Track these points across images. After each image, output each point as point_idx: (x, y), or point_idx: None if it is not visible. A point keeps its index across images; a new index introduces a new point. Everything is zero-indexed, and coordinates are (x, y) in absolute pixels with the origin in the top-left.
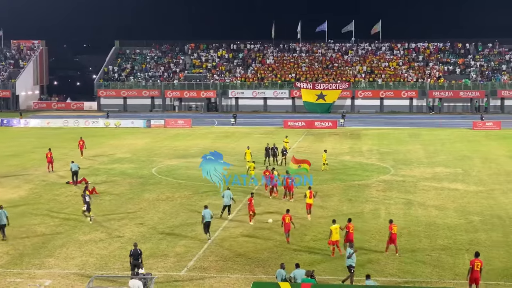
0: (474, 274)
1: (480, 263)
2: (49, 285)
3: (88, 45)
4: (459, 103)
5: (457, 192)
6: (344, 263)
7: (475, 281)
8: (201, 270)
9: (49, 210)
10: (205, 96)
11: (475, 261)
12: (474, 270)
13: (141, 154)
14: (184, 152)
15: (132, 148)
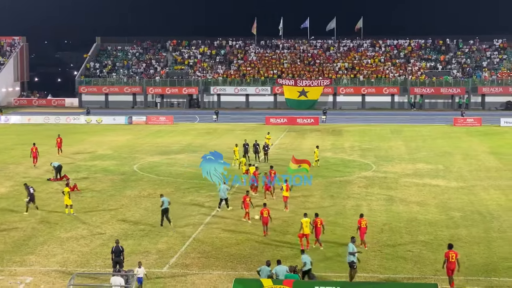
0: (450, 265)
1: (454, 254)
2: (30, 283)
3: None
4: (440, 99)
5: (438, 188)
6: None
7: (452, 272)
8: (183, 266)
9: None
10: (187, 93)
11: (449, 253)
12: (450, 261)
13: (123, 150)
14: (166, 148)
15: (113, 144)
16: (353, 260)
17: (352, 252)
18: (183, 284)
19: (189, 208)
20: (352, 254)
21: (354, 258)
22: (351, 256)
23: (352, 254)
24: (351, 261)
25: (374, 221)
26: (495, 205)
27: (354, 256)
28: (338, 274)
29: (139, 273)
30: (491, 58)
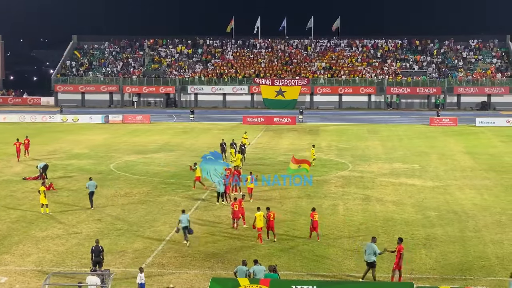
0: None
1: (401, 249)
2: (5, 282)
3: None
4: (417, 99)
5: (414, 188)
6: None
7: (399, 267)
8: (159, 266)
9: (5, 206)
10: (164, 92)
11: (401, 248)
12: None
13: (100, 149)
14: (143, 148)
15: (90, 143)
16: (374, 260)
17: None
18: (159, 284)
19: (166, 207)
20: (374, 254)
21: (375, 257)
22: (372, 256)
23: (374, 254)
24: (373, 260)
25: (351, 220)
26: (470, 204)
27: (375, 256)
28: (314, 273)
29: (141, 279)
30: (466, 58)
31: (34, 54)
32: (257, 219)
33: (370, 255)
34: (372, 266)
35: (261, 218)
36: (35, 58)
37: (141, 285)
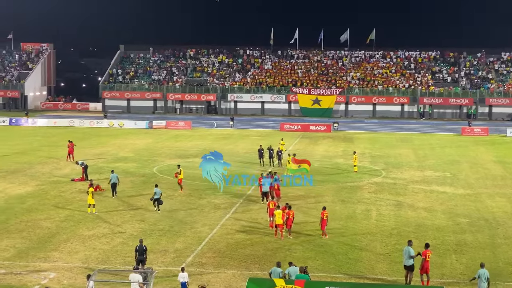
0: (426, 263)
1: (430, 253)
2: (53, 278)
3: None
4: (449, 109)
5: (446, 195)
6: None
7: (426, 271)
8: (199, 265)
9: (55, 205)
10: (205, 99)
11: (427, 252)
12: (426, 260)
13: (143, 153)
14: (184, 152)
15: (134, 147)
16: (412, 263)
17: (412, 256)
18: (198, 283)
19: (205, 210)
20: (412, 257)
21: (413, 261)
22: (410, 260)
23: (412, 257)
24: (412, 264)
25: (384, 225)
26: (501, 212)
27: (413, 260)
28: (348, 275)
29: (184, 278)
30: (498, 70)
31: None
32: (276, 216)
33: (407, 259)
34: (410, 269)
35: (280, 216)
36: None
37: (183, 283)
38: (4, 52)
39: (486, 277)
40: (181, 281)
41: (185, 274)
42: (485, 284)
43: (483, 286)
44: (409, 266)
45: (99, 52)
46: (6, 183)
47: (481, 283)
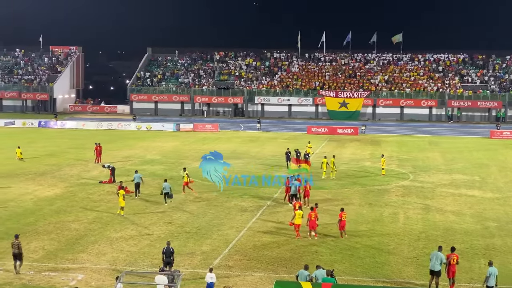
0: (451, 267)
1: (456, 257)
2: (81, 280)
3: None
4: (477, 112)
5: (474, 199)
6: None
7: (452, 274)
8: (226, 268)
9: (83, 207)
10: (233, 102)
11: (451, 256)
12: (451, 264)
13: (171, 156)
14: None
15: (162, 150)
16: (439, 269)
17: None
18: (226, 285)
19: (232, 212)
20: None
21: (440, 266)
22: (438, 265)
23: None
24: (439, 269)
25: (411, 229)
26: None
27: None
28: (375, 279)
29: (212, 278)
30: None
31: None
32: (296, 216)
33: (436, 263)
34: (437, 275)
35: (300, 216)
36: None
37: (210, 284)
38: (33, 55)
39: (495, 275)
40: (208, 282)
41: (212, 275)
42: (493, 281)
43: (491, 283)
44: (437, 271)
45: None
46: (35, 185)
47: (490, 280)
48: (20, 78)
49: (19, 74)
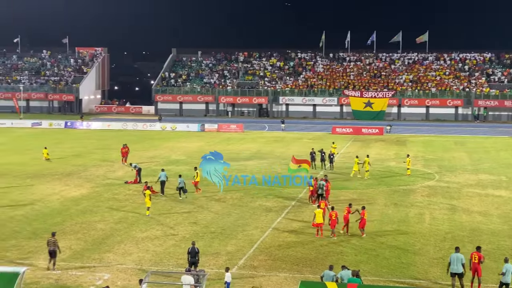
0: (472, 265)
1: (477, 256)
2: (108, 279)
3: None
4: (504, 112)
5: (501, 199)
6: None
7: (476, 272)
8: (251, 268)
9: (109, 207)
10: (257, 102)
11: (472, 254)
12: (473, 262)
13: (195, 156)
14: (236, 155)
15: (186, 150)
16: (463, 271)
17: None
18: (251, 285)
19: (257, 212)
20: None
21: (510, 279)
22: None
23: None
24: (508, 282)
25: (437, 229)
26: None
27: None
28: (401, 279)
29: (229, 278)
30: None
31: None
32: (316, 216)
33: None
34: (460, 276)
35: (320, 215)
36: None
37: (228, 283)
38: (60, 56)
39: (511, 271)
40: (227, 281)
41: (229, 274)
42: (509, 278)
43: (507, 280)
44: (460, 273)
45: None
46: (61, 185)
47: (506, 277)
48: (47, 79)
49: (46, 76)
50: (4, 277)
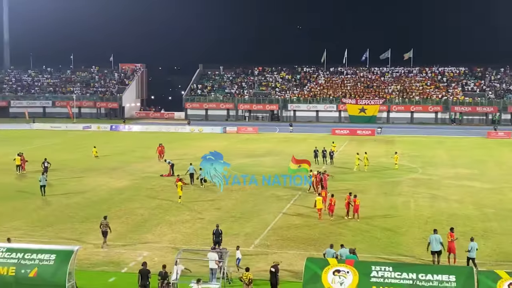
0: (448, 244)
1: (450, 235)
2: (147, 256)
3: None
4: (476, 116)
5: (474, 189)
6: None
7: (453, 251)
8: (265, 246)
9: (147, 196)
10: (269, 109)
11: (447, 235)
12: (448, 241)
13: None
14: (252, 152)
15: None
16: (474, 257)
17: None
18: (265, 261)
19: (270, 200)
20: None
21: (474, 254)
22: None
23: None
24: (473, 257)
25: (421, 214)
26: None
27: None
28: (390, 256)
29: (239, 255)
30: None
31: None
32: (317, 202)
33: (437, 245)
34: (438, 253)
35: (320, 201)
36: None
37: (239, 259)
38: (106, 71)
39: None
40: (238, 258)
41: (239, 251)
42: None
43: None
44: (439, 251)
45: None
46: (107, 178)
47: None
48: (95, 90)
49: (95, 87)
50: (61, 254)
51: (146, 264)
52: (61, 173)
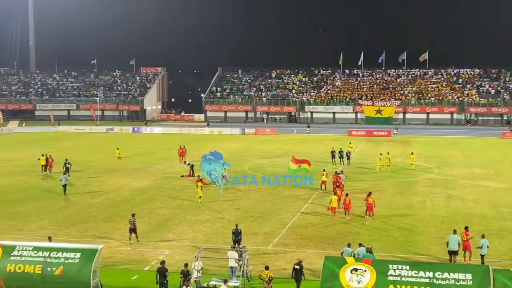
0: (463, 242)
1: (465, 234)
2: (168, 254)
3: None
4: (491, 117)
5: (490, 189)
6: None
7: (468, 249)
8: (283, 245)
9: (168, 196)
10: (287, 111)
11: (462, 234)
12: (463, 240)
13: (237, 154)
14: (270, 153)
15: (230, 150)
16: (484, 254)
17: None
18: (284, 259)
19: (288, 200)
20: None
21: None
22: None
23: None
24: (483, 254)
25: (437, 214)
26: None
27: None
28: (407, 255)
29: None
30: None
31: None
32: (332, 201)
33: (455, 245)
34: (455, 254)
35: (335, 200)
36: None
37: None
38: (128, 75)
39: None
40: None
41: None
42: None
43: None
44: (456, 250)
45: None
46: (130, 178)
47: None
48: (118, 93)
49: (117, 90)
50: (85, 252)
51: (164, 263)
52: (85, 174)
